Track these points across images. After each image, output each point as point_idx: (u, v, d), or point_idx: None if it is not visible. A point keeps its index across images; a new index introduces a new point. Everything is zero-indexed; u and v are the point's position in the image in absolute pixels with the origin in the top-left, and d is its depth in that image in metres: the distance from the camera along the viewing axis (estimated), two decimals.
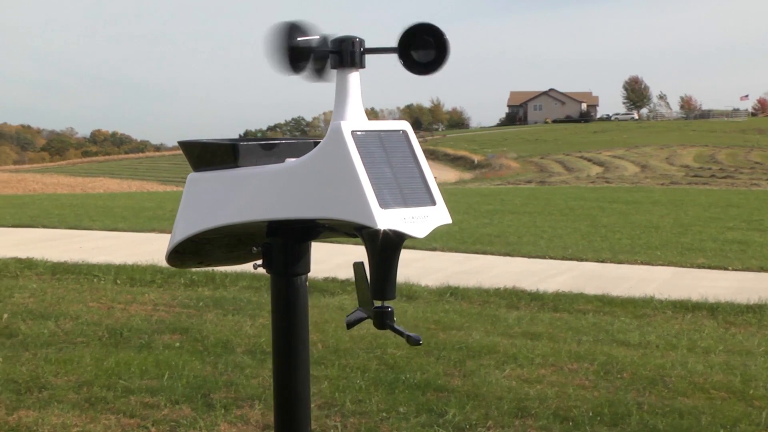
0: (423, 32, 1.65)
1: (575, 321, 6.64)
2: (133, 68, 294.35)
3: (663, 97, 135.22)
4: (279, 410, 1.84)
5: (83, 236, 11.93)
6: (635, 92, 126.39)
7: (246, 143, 1.79)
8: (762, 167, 48.09)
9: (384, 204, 1.52)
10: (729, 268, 9.33)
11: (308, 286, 1.83)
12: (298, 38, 1.66)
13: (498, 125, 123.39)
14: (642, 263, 9.69)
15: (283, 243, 1.80)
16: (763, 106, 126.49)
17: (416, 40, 1.65)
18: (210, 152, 1.84)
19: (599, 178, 42.28)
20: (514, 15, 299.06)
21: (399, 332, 1.68)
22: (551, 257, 10.13)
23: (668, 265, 9.56)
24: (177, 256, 1.96)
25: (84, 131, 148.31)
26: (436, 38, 1.65)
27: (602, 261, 9.85)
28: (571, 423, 4.26)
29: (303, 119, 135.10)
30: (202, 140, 1.86)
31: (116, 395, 4.57)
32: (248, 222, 1.75)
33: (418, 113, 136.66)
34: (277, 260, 1.82)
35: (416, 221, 1.56)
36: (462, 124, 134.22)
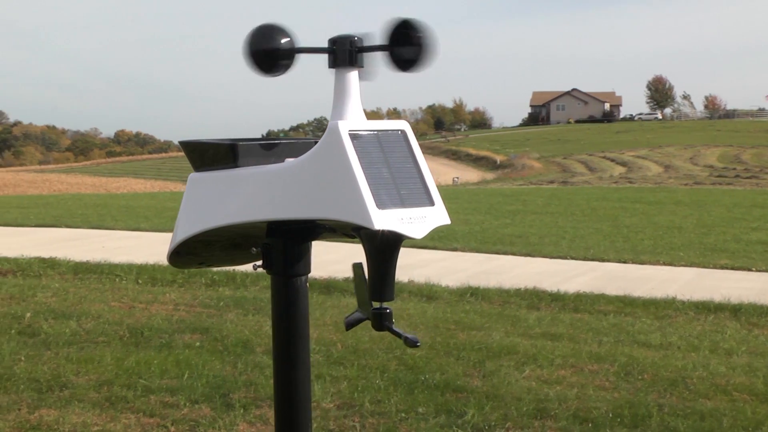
0: (408, 29, 1.63)
1: (596, 322, 6.61)
2: (157, 69, 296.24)
3: (687, 97, 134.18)
4: (280, 412, 1.83)
5: (106, 236, 12.00)
6: (659, 92, 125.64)
7: (245, 143, 1.78)
8: None
9: (381, 204, 1.51)
10: (752, 269, 9.26)
11: (328, 287, 1.82)
12: (282, 40, 1.66)
13: (520, 125, 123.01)
14: (664, 264, 9.64)
15: (283, 244, 1.79)
16: None
17: (402, 37, 1.63)
18: (210, 152, 1.83)
19: (622, 179, 42.08)
20: (538, 15, 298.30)
21: (397, 334, 1.67)
22: (573, 258, 10.09)
23: (691, 266, 9.50)
24: (178, 257, 1.95)
25: (108, 132, 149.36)
26: (421, 35, 1.63)
27: (624, 261, 9.80)
28: (591, 424, 4.24)
29: (325, 119, 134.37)
30: (202, 140, 1.85)
31: (136, 394, 4.59)
32: (247, 222, 1.74)
33: (441, 113, 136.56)
34: (277, 261, 1.81)
35: (414, 222, 1.54)
36: (484, 124, 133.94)
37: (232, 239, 1.92)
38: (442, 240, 11.21)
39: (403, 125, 1.65)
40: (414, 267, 8.96)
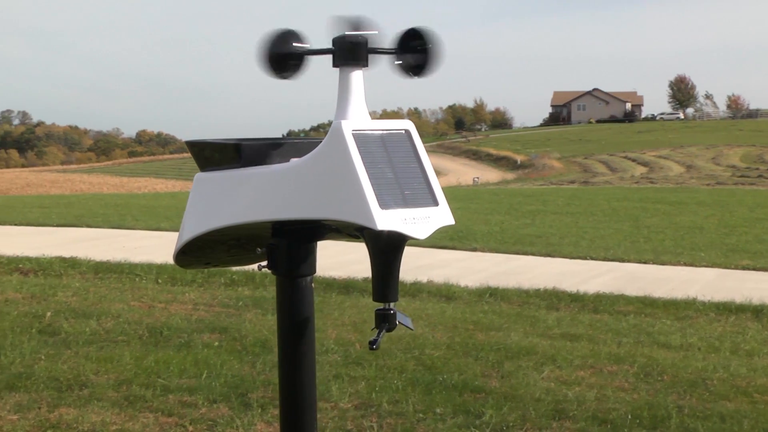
0: (417, 36, 1.63)
1: (615, 322, 6.57)
2: (178, 70, 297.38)
3: (709, 97, 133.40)
4: (284, 412, 1.82)
5: (126, 236, 12.05)
6: (681, 91, 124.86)
7: (249, 143, 1.77)
8: None
9: (384, 205, 1.50)
10: None
11: (347, 287, 1.81)
12: (293, 44, 1.66)
13: (541, 125, 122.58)
14: (685, 264, 9.58)
15: (288, 244, 1.78)
16: None
17: (411, 44, 1.63)
18: (215, 152, 1.82)
19: (643, 179, 41.85)
20: (558, 14, 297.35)
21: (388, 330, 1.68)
22: (593, 258, 10.05)
23: (712, 267, 9.44)
24: (184, 257, 1.95)
25: (130, 132, 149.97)
26: (429, 43, 1.63)
27: (644, 262, 9.75)
28: (610, 425, 4.22)
29: None
30: (208, 140, 1.85)
31: (155, 394, 4.61)
32: (251, 222, 1.74)
33: (461, 113, 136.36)
34: (282, 261, 1.80)
35: (417, 222, 1.53)
36: (505, 124, 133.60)
37: (238, 239, 1.91)
38: (462, 240, 11.19)
39: (408, 125, 1.63)
40: (433, 267, 8.95)
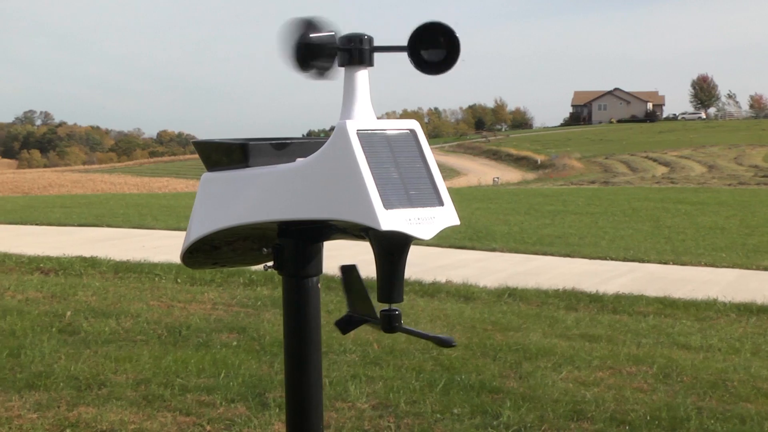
0: (434, 31, 1.62)
1: (635, 323, 6.54)
2: (199, 70, 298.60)
3: (732, 96, 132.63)
4: (291, 413, 1.81)
5: (146, 236, 12.11)
6: (703, 91, 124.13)
7: (255, 143, 1.77)
8: None
9: (388, 204, 1.49)
10: None
11: (366, 287, 1.79)
12: (311, 35, 1.65)
13: (562, 125, 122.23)
14: (706, 265, 9.52)
15: (294, 244, 1.78)
16: None
17: (427, 39, 1.61)
18: (221, 152, 1.83)
19: (664, 179, 41.64)
20: (579, 14, 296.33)
21: (418, 334, 1.65)
22: (612, 258, 10.01)
23: (733, 267, 9.37)
24: (191, 257, 1.95)
25: (150, 132, 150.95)
26: (447, 37, 1.61)
27: (665, 263, 9.69)
28: (628, 427, 4.19)
29: None
30: (214, 140, 1.85)
31: (173, 393, 4.62)
32: (258, 223, 1.74)
33: (481, 113, 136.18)
34: (288, 262, 1.79)
35: (422, 222, 1.52)
36: (525, 124, 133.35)
37: (245, 239, 1.91)
38: (481, 240, 11.17)
39: (413, 125, 1.63)
40: (452, 267, 8.94)
